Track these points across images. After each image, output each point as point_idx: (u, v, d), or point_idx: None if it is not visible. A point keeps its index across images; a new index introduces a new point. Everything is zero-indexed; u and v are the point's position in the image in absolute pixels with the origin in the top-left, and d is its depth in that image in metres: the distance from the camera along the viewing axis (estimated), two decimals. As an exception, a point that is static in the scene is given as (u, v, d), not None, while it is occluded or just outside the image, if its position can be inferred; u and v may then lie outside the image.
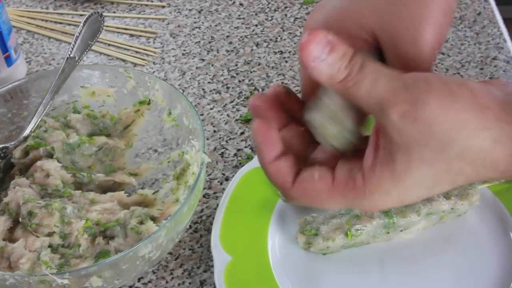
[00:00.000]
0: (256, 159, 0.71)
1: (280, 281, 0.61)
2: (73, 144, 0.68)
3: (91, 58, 0.92)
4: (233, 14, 1.00)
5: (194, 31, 0.97)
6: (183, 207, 0.57)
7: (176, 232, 0.59)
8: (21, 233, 0.60)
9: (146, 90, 0.71)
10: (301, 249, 0.63)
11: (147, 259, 0.57)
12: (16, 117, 0.72)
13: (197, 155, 0.64)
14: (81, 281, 0.54)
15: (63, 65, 0.70)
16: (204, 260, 0.66)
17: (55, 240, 0.59)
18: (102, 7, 1.02)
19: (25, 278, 0.53)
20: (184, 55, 0.92)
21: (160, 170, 0.71)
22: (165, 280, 0.64)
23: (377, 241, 0.63)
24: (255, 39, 0.94)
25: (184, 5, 1.02)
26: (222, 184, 0.73)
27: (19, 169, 0.67)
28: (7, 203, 0.61)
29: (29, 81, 0.71)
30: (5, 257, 0.58)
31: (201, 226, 0.69)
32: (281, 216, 0.67)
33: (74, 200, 0.63)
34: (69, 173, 0.65)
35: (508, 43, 0.90)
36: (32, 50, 0.95)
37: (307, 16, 0.47)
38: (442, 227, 0.65)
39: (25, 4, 1.04)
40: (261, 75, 0.88)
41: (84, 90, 0.73)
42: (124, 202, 0.65)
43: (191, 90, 0.86)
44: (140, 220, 0.61)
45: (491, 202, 0.66)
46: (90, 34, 0.74)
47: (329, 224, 0.62)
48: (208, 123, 0.81)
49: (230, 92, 0.85)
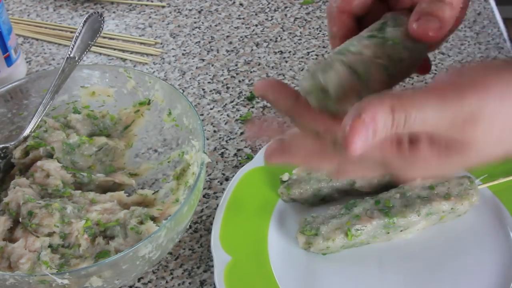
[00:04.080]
0: (256, 158, 0.71)
1: (280, 281, 0.61)
2: (73, 144, 0.68)
3: (91, 58, 0.92)
4: (233, 14, 1.00)
5: (194, 31, 0.97)
6: (183, 207, 0.57)
7: (176, 232, 0.59)
8: (21, 233, 0.60)
9: (146, 90, 0.71)
10: (301, 249, 0.63)
11: (147, 259, 0.57)
12: (16, 117, 0.72)
13: (197, 155, 0.64)
14: (81, 281, 0.54)
15: (63, 65, 0.70)
16: (204, 260, 0.66)
17: (55, 240, 0.59)
18: (102, 7, 1.02)
19: (25, 278, 0.53)
20: (184, 55, 0.92)
21: (160, 170, 0.71)
22: (165, 280, 0.64)
23: (377, 241, 0.63)
24: (255, 39, 0.94)
25: (184, 5, 1.02)
26: (222, 184, 0.73)
27: (19, 169, 0.67)
28: (7, 203, 0.61)
29: (29, 81, 0.71)
30: (5, 257, 0.58)
31: (201, 226, 0.69)
32: (281, 216, 0.67)
33: (74, 200, 0.63)
34: (69, 173, 0.66)
35: (508, 43, 0.90)
36: (32, 50, 0.95)
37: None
38: (442, 227, 0.65)
39: (25, 4, 1.04)
40: (261, 75, 0.88)
41: (84, 90, 0.73)
42: (124, 202, 0.66)
43: (191, 90, 0.86)
44: (140, 220, 0.61)
45: (491, 202, 0.66)
46: (90, 34, 0.74)
47: (329, 224, 0.62)
48: (208, 123, 0.81)
49: (230, 92, 0.85)
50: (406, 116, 0.38)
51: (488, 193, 0.66)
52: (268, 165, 0.41)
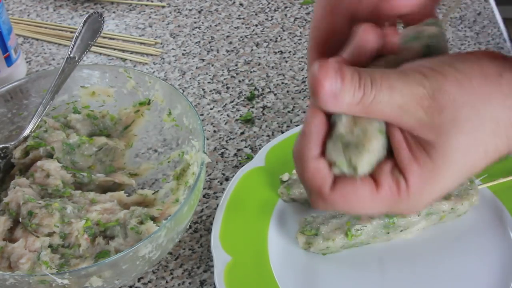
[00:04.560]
0: (256, 158, 0.71)
1: (280, 281, 0.61)
2: (73, 144, 0.68)
3: (91, 58, 0.92)
4: (233, 14, 1.00)
5: (194, 31, 0.97)
6: (183, 207, 0.57)
7: (176, 232, 0.59)
8: (21, 233, 0.60)
9: (146, 90, 0.71)
10: (301, 249, 0.63)
11: (147, 259, 0.57)
12: (16, 117, 0.72)
13: (197, 155, 0.64)
14: (81, 281, 0.54)
15: (63, 65, 0.70)
16: (204, 260, 0.66)
17: (55, 240, 0.59)
18: (102, 7, 1.02)
19: (25, 278, 0.53)
20: (184, 55, 0.92)
21: (160, 170, 0.71)
22: (165, 280, 0.64)
23: (377, 241, 0.63)
24: (255, 39, 0.94)
25: (184, 5, 1.02)
26: (222, 184, 0.73)
27: (19, 169, 0.67)
28: (7, 203, 0.61)
29: (29, 81, 0.71)
30: (5, 257, 0.58)
31: (201, 226, 0.69)
32: (281, 216, 0.67)
33: (74, 200, 0.63)
34: (69, 173, 0.65)
35: (508, 43, 0.90)
36: (32, 50, 0.95)
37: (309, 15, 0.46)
38: (442, 227, 0.65)
39: (25, 4, 1.04)
40: (261, 75, 0.88)
41: (84, 90, 0.73)
42: (124, 202, 0.66)
43: (191, 90, 0.86)
44: (140, 220, 0.61)
45: (491, 202, 0.66)
46: (90, 34, 0.74)
47: (329, 224, 0.62)
48: (208, 123, 0.81)
49: (230, 92, 0.85)
50: (372, 82, 0.38)
51: (488, 193, 0.66)
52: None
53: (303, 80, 0.86)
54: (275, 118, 0.81)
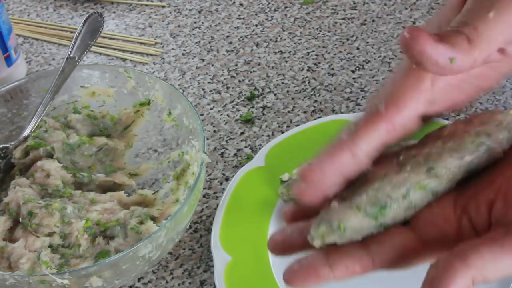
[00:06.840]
0: (256, 158, 0.71)
1: (280, 281, 0.61)
2: (73, 144, 0.68)
3: (91, 58, 0.92)
4: (233, 14, 1.00)
5: (194, 31, 0.97)
6: (183, 207, 0.57)
7: (176, 232, 0.59)
8: (21, 233, 0.60)
9: (146, 90, 0.71)
10: (301, 249, 0.63)
11: (147, 259, 0.57)
12: (16, 117, 0.72)
13: (197, 155, 0.65)
14: (81, 281, 0.54)
15: (63, 65, 0.71)
16: (204, 260, 0.66)
17: (55, 240, 0.59)
18: (102, 7, 1.02)
19: (25, 278, 0.53)
20: (184, 55, 0.92)
21: (160, 170, 0.71)
22: (165, 280, 0.64)
23: (377, 241, 0.63)
24: (255, 39, 0.94)
25: (184, 5, 1.02)
26: (222, 184, 0.73)
27: (19, 169, 0.67)
28: (7, 203, 0.62)
29: (29, 81, 0.71)
30: (5, 257, 0.58)
31: (201, 226, 0.69)
32: (281, 216, 0.67)
33: (74, 200, 0.63)
34: (69, 173, 0.66)
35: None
36: (32, 50, 0.95)
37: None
38: (442, 227, 0.65)
39: (25, 4, 1.04)
40: (261, 75, 0.88)
41: (84, 90, 0.73)
42: (124, 202, 0.66)
43: (191, 90, 0.86)
44: (140, 220, 0.61)
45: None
46: (90, 34, 0.74)
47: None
48: (208, 123, 0.81)
49: (230, 92, 0.85)
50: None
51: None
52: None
53: (303, 80, 0.86)
54: (275, 118, 0.81)
